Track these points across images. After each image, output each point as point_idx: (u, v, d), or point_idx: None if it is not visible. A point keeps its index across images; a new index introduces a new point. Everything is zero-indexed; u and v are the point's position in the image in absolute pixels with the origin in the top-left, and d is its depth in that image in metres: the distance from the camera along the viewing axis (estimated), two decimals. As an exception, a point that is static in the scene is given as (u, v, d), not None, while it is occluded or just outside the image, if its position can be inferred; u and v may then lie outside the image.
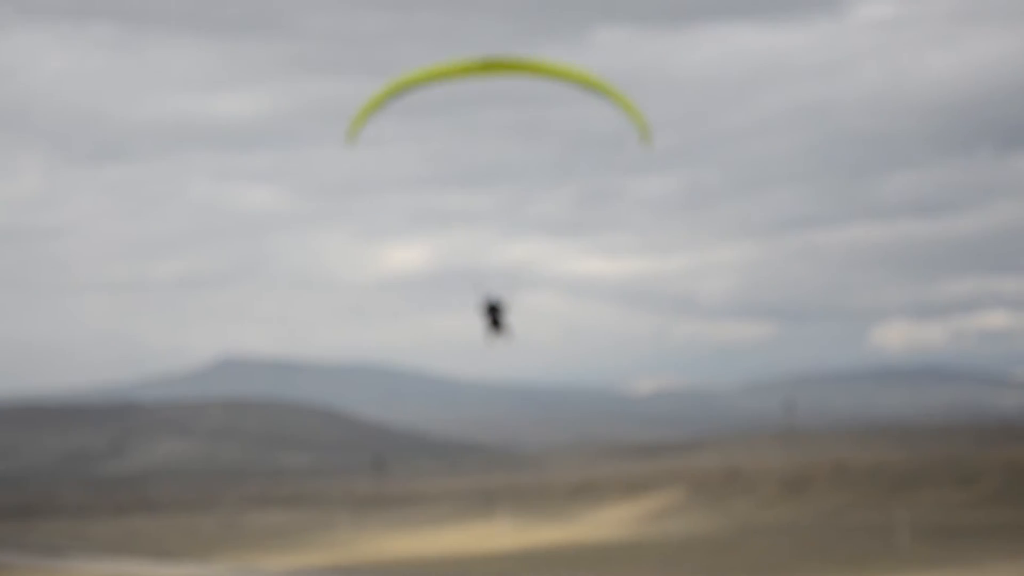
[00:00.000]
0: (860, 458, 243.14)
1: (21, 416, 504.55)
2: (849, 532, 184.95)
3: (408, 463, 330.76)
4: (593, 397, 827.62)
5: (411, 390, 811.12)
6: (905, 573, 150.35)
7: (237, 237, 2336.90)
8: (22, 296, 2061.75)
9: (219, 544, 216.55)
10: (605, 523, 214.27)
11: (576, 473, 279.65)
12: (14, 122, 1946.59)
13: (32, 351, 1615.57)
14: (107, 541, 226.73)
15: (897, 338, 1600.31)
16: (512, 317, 31.72)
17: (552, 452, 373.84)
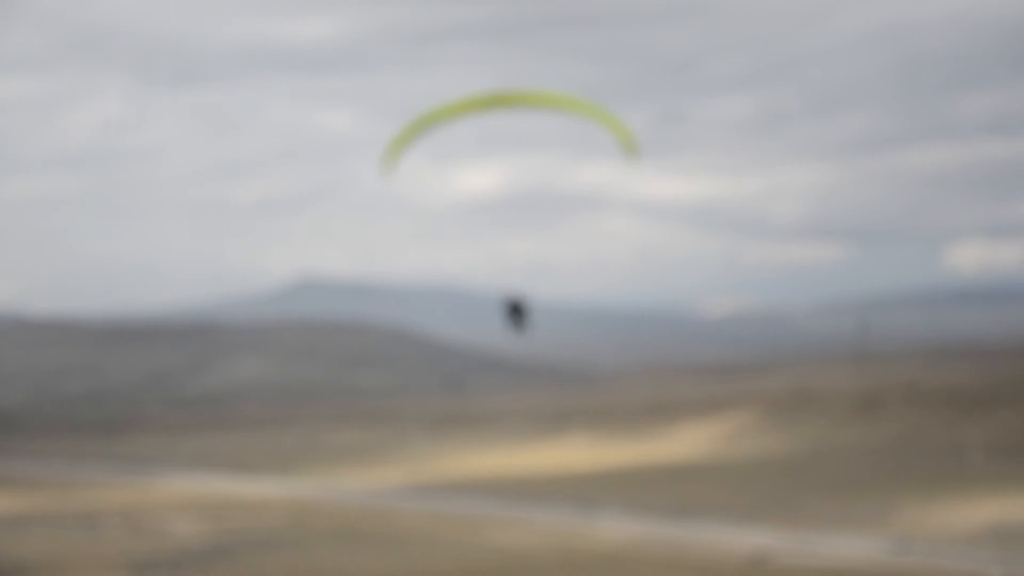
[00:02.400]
0: (933, 379, 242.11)
1: (106, 335, 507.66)
2: (922, 452, 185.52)
3: (482, 383, 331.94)
4: (665, 319, 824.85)
5: (484, 311, 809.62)
6: (978, 492, 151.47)
7: (315, 160, 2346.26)
8: (106, 217, 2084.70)
9: (298, 460, 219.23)
10: (678, 443, 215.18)
11: (648, 394, 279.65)
12: (98, 47, 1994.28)
13: (116, 271, 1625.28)
14: (190, 457, 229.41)
15: (972, 259, 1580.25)
16: (533, 313, 33.61)
17: (624, 373, 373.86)
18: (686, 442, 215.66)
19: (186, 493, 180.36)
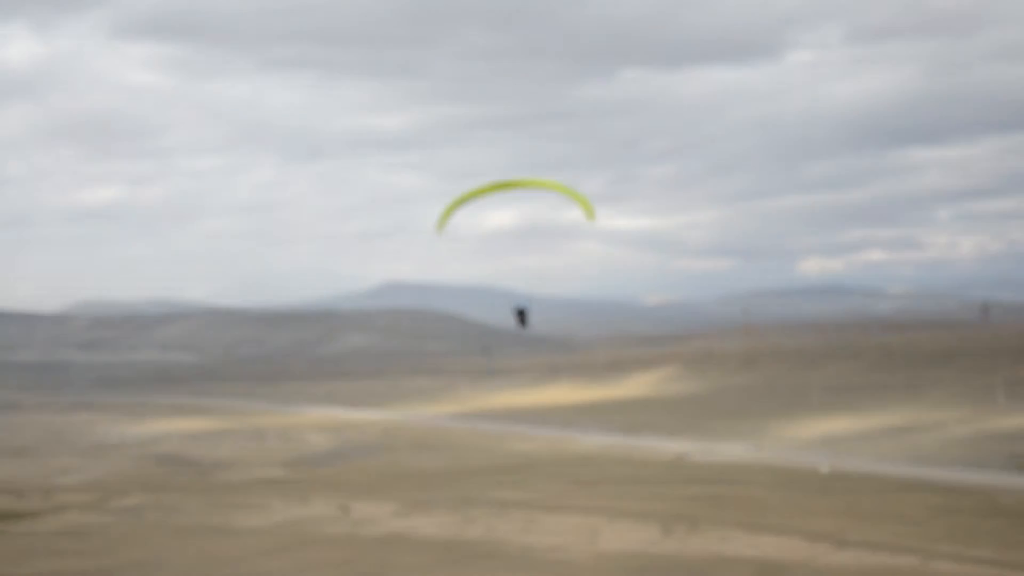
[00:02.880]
0: (788, 344, 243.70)
1: (267, 318, 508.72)
2: (781, 391, 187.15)
3: (504, 350, 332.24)
4: (620, 306, 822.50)
5: (506, 303, 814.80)
6: (815, 416, 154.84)
7: (395, 206, 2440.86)
8: (265, 244, 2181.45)
9: (387, 398, 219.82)
10: (628, 387, 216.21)
11: (609, 355, 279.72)
12: (257, 136, 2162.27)
13: (272, 278, 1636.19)
14: (320, 396, 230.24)
15: (814, 268, 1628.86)
16: (532, 316, 37.40)
17: (594, 342, 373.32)
18: (633, 386, 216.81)
19: (317, 419, 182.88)
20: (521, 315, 30.05)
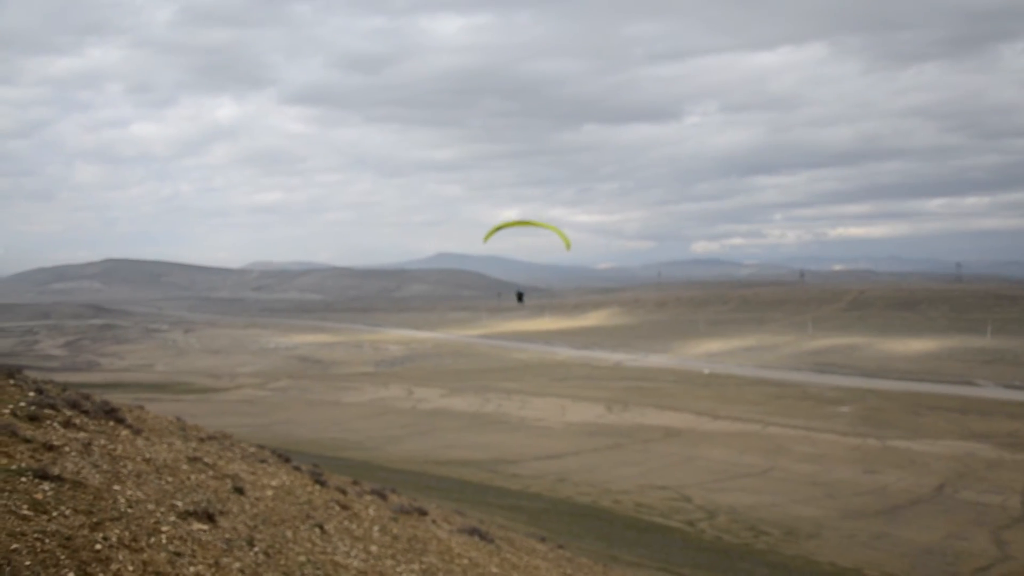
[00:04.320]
0: (686, 294, 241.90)
1: (364, 274, 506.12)
2: (682, 324, 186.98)
3: (510, 296, 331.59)
4: (582, 270, 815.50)
5: (512, 267, 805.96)
6: (703, 340, 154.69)
7: (443, 206, 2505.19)
8: (364, 228, 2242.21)
9: (437, 325, 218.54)
10: (588, 320, 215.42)
11: (576, 300, 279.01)
12: (361, 162, 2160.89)
13: (368, 248, 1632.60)
14: (396, 323, 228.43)
15: (701, 248, 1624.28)
16: (526, 298, 37.84)
17: (566, 292, 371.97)
18: (590, 319, 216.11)
19: (394, 336, 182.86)
20: (520, 296, 31.20)
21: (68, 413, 10.84)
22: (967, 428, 69.55)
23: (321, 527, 10.34)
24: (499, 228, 22.35)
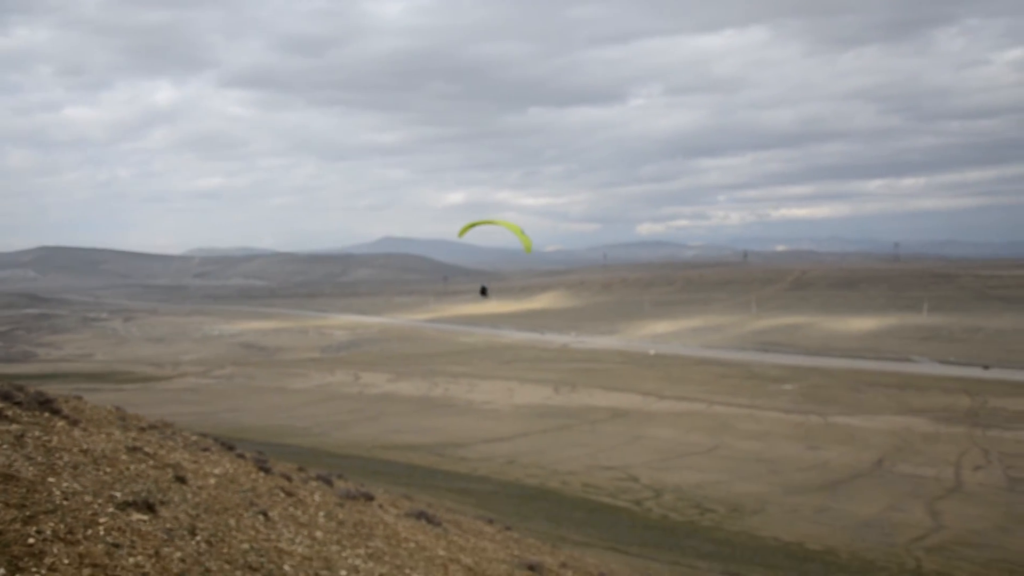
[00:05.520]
0: (630, 277, 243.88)
1: (309, 259, 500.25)
2: (628, 306, 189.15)
3: (456, 280, 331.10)
4: (530, 255, 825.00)
5: (458, 250, 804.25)
6: (648, 321, 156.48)
7: (388, 190, 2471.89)
8: (308, 213, 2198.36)
9: (383, 309, 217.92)
10: (536, 303, 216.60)
11: (524, 283, 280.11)
12: (305, 146, 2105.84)
13: (312, 233, 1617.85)
14: (341, 308, 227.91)
15: (646, 231, 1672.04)
16: (490, 293, 37.67)
17: (513, 274, 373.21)
18: (539, 302, 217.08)
19: (341, 321, 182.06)
20: (483, 291, 31.00)
21: (-1, 405, 10.53)
22: (905, 403, 71.69)
23: (265, 514, 10.29)
24: (471, 226, 22.48)
